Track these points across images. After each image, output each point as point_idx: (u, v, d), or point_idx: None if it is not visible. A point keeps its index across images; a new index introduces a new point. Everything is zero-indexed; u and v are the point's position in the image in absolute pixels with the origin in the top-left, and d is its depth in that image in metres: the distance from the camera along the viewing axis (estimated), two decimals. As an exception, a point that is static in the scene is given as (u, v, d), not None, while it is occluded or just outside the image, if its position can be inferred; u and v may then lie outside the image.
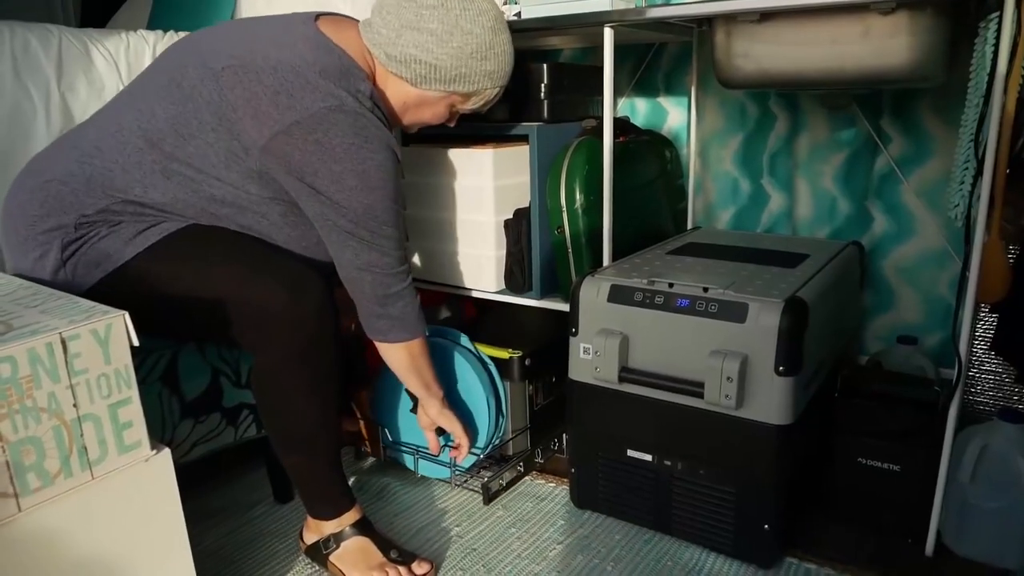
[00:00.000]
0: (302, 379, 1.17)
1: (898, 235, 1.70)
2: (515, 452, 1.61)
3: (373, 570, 1.25)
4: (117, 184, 1.15)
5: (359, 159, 1.12)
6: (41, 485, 0.86)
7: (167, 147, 1.15)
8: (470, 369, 1.52)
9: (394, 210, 1.18)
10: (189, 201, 1.16)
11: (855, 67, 1.25)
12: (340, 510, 1.28)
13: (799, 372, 1.18)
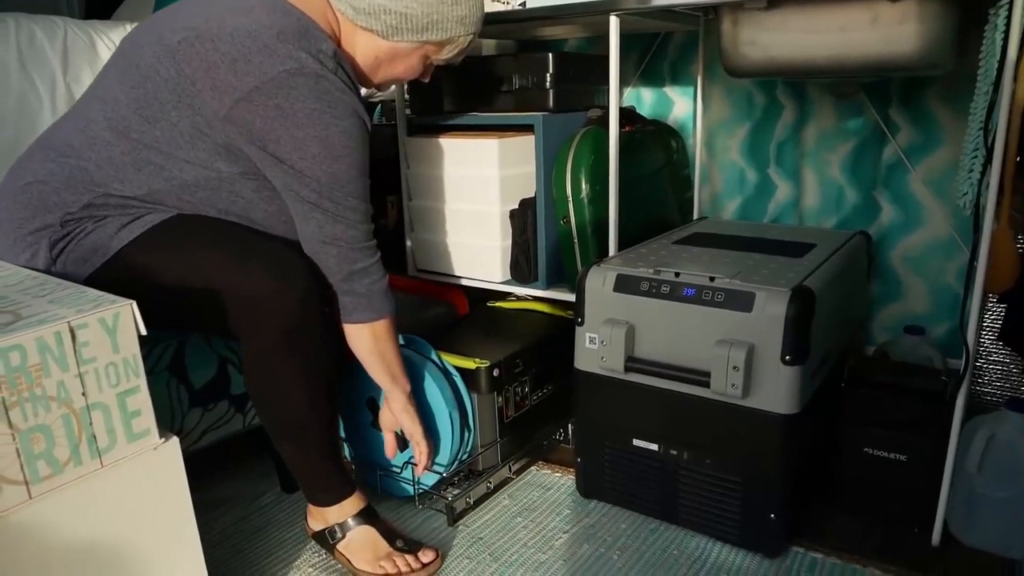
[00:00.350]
0: (291, 365, 1.15)
1: (906, 225, 1.69)
2: (485, 467, 1.52)
3: (380, 559, 1.25)
4: (95, 180, 1.14)
5: (322, 125, 1.09)
6: (51, 473, 0.87)
7: (134, 134, 1.13)
8: (431, 381, 1.42)
9: (361, 181, 1.15)
10: (164, 190, 1.15)
11: (863, 55, 1.25)
12: (339, 497, 1.27)
13: (805, 361, 1.18)
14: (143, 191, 1.15)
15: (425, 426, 1.36)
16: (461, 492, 1.45)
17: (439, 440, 1.43)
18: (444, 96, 1.72)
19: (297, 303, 1.11)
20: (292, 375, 1.16)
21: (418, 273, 1.81)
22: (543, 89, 1.58)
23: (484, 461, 1.51)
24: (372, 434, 1.49)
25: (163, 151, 1.14)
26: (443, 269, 1.74)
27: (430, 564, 1.27)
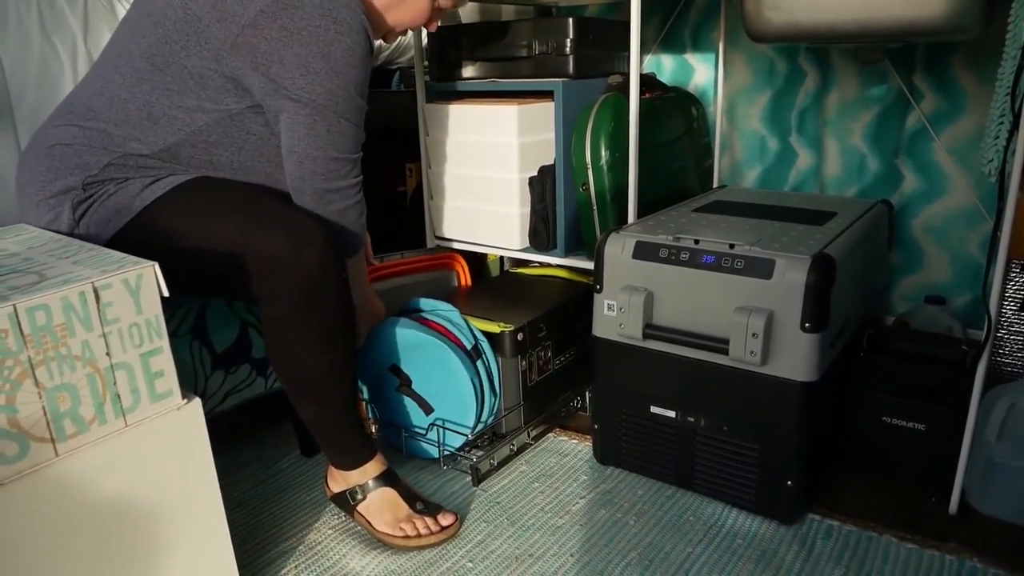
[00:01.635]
0: (309, 327, 1.15)
1: (928, 194, 1.67)
2: (508, 430, 1.53)
3: (400, 521, 1.27)
4: (114, 140, 1.16)
5: (326, 40, 1.10)
6: (76, 431, 0.88)
7: (146, 85, 1.15)
8: (452, 347, 1.43)
9: (356, 103, 1.17)
10: (180, 142, 1.17)
11: (889, 19, 1.22)
12: (360, 460, 1.28)
13: (825, 329, 1.17)
14: (160, 146, 1.17)
15: (447, 394, 1.39)
16: (485, 454, 1.47)
17: (462, 403, 1.45)
18: (463, 62, 1.70)
19: (316, 265, 1.12)
20: (310, 337, 1.16)
21: (437, 241, 1.81)
22: (563, 55, 1.56)
23: (507, 424, 1.53)
24: (396, 398, 1.51)
25: (175, 99, 1.15)
26: (462, 236, 1.74)
27: (449, 527, 1.29)
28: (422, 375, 1.48)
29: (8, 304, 0.80)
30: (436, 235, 1.81)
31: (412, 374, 1.49)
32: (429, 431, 1.49)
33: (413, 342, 1.45)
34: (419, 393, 1.49)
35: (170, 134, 1.16)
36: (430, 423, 1.48)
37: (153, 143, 1.16)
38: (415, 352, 1.47)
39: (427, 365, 1.46)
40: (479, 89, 1.70)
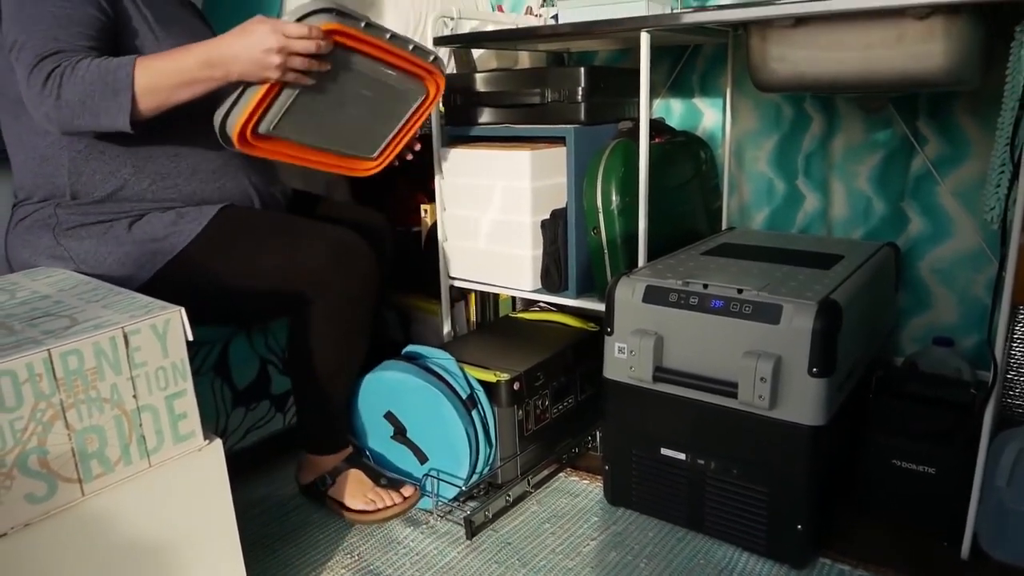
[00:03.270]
0: (350, 327, 1.33)
1: (934, 236, 1.70)
2: (504, 480, 1.52)
3: (368, 493, 1.41)
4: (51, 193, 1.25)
5: None
6: (103, 471, 0.91)
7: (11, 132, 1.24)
8: (447, 395, 1.44)
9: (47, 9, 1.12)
10: (75, 160, 1.22)
11: (890, 71, 1.26)
12: (340, 446, 1.43)
13: (833, 373, 1.19)
14: (68, 180, 1.23)
15: (441, 444, 1.45)
16: (480, 505, 1.46)
17: (456, 454, 1.45)
18: (478, 108, 1.75)
19: (361, 272, 1.29)
20: (350, 334, 1.33)
21: (451, 280, 1.84)
22: (575, 102, 1.61)
23: (503, 474, 1.52)
24: (392, 445, 1.53)
25: (30, 122, 1.20)
26: (475, 277, 1.78)
27: (411, 496, 1.44)
28: (417, 423, 1.49)
29: (43, 349, 0.84)
30: (450, 275, 1.84)
31: (407, 422, 1.50)
32: (424, 481, 1.49)
33: (409, 387, 1.47)
34: (414, 441, 1.50)
35: (62, 162, 1.22)
36: (424, 473, 1.49)
37: (60, 181, 1.23)
38: (410, 398, 1.48)
39: (422, 413, 1.47)
40: (494, 134, 1.74)
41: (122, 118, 1.10)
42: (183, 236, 1.22)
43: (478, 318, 2.01)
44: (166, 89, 1.12)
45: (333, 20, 1.16)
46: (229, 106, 1.18)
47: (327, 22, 1.15)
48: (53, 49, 1.09)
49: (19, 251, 1.25)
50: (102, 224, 1.23)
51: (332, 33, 1.17)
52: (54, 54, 1.09)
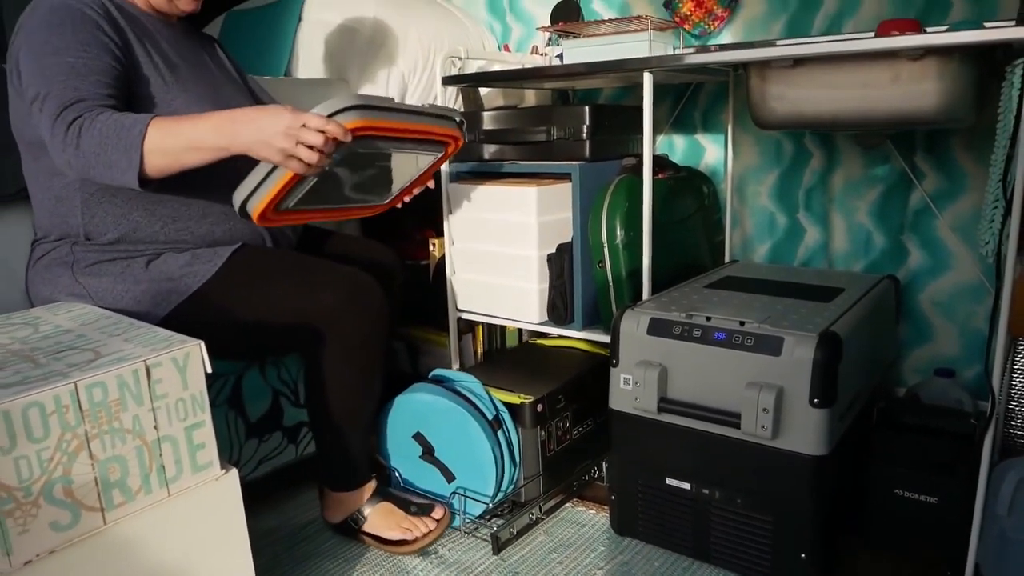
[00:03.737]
0: (364, 364, 1.35)
1: (934, 269, 1.73)
2: (527, 499, 1.57)
3: (402, 523, 1.44)
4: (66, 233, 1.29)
5: (31, 35, 1.18)
6: (124, 500, 0.94)
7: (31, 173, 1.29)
8: (474, 416, 1.50)
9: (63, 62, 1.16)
10: (88, 202, 1.27)
11: (886, 110, 1.30)
12: (362, 481, 1.44)
13: (833, 404, 1.22)
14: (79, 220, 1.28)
15: (468, 462, 1.47)
16: (505, 523, 1.51)
17: (483, 472, 1.51)
18: (486, 145, 1.80)
19: (374, 312, 1.33)
20: (364, 371, 1.36)
21: (459, 313, 1.88)
22: (580, 139, 1.65)
23: (527, 493, 1.57)
24: (420, 465, 1.58)
25: (46, 167, 1.26)
26: (482, 309, 1.81)
27: (443, 518, 1.49)
28: (445, 443, 1.54)
29: (70, 381, 0.87)
30: (458, 307, 1.87)
31: (435, 442, 1.55)
32: (451, 499, 1.54)
33: (437, 408, 1.53)
34: (442, 461, 1.55)
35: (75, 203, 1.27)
36: (452, 491, 1.53)
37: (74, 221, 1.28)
38: (438, 419, 1.53)
39: (450, 433, 1.52)
40: (501, 170, 1.79)
41: (131, 174, 1.12)
42: (197, 277, 1.26)
43: (485, 349, 2.04)
44: (175, 151, 1.13)
45: (359, 117, 1.15)
46: (251, 189, 1.19)
47: (354, 119, 1.15)
48: (75, 98, 1.13)
49: (39, 288, 1.29)
50: (120, 262, 1.26)
51: (357, 130, 1.16)
52: (76, 103, 1.13)
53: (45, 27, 1.18)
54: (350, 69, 1.91)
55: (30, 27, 1.19)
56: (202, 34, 1.51)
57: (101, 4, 1.23)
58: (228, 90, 1.42)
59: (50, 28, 1.18)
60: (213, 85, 1.38)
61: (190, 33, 1.45)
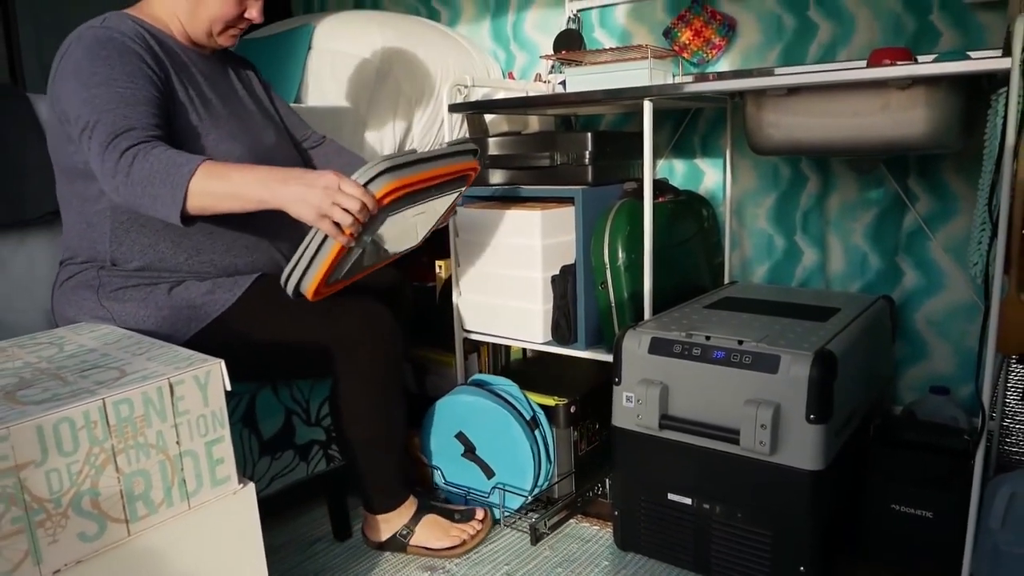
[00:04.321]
0: (384, 390, 1.39)
1: (928, 289, 1.77)
2: (560, 495, 1.69)
3: (451, 532, 1.53)
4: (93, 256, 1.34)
5: (76, 64, 1.23)
6: (147, 512, 0.98)
7: (65, 197, 1.34)
8: (514, 416, 1.61)
9: (113, 93, 1.21)
10: (116, 229, 1.31)
11: (877, 136, 1.35)
12: (401, 500, 1.50)
13: (829, 420, 1.26)
14: (107, 243, 1.33)
15: (508, 459, 1.60)
16: (541, 516, 1.63)
17: (522, 468, 1.62)
18: (491, 169, 1.85)
19: (390, 341, 1.37)
20: (384, 397, 1.40)
21: (464, 333, 1.92)
22: (582, 164, 1.71)
23: (560, 489, 1.70)
24: (461, 463, 1.70)
25: (80, 191, 1.31)
26: (487, 330, 1.86)
27: (486, 519, 1.59)
28: (485, 442, 1.65)
29: (98, 398, 0.92)
30: (464, 328, 1.92)
31: (476, 441, 1.67)
32: (491, 494, 1.64)
33: (479, 408, 1.64)
34: (482, 458, 1.66)
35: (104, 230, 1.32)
36: (492, 486, 1.64)
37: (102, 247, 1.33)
38: (480, 419, 1.65)
39: (490, 432, 1.63)
40: (506, 194, 1.84)
41: (174, 210, 1.17)
42: (218, 305, 1.31)
43: (489, 369, 2.08)
44: (218, 196, 1.18)
45: (391, 179, 1.20)
46: (303, 271, 1.23)
47: (387, 182, 1.20)
48: (125, 127, 1.18)
49: (65, 309, 1.33)
50: (143, 288, 1.31)
51: (388, 195, 1.21)
52: (127, 131, 1.18)
53: (91, 58, 1.23)
54: (359, 96, 1.97)
55: (75, 58, 1.24)
56: (237, 59, 1.56)
57: (142, 36, 1.29)
58: (259, 124, 1.45)
59: (96, 59, 1.22)
60: (244, 120, 1.42)
61: (225, 61, 1.50)
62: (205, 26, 1.35)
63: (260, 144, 1.40)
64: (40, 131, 1.49)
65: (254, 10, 1.36)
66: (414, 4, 2.59)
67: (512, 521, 1.67)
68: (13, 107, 1.49)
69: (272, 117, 1.54)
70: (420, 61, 2.04)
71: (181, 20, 1.36)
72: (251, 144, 1.37)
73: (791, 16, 1.87)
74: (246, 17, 1.36)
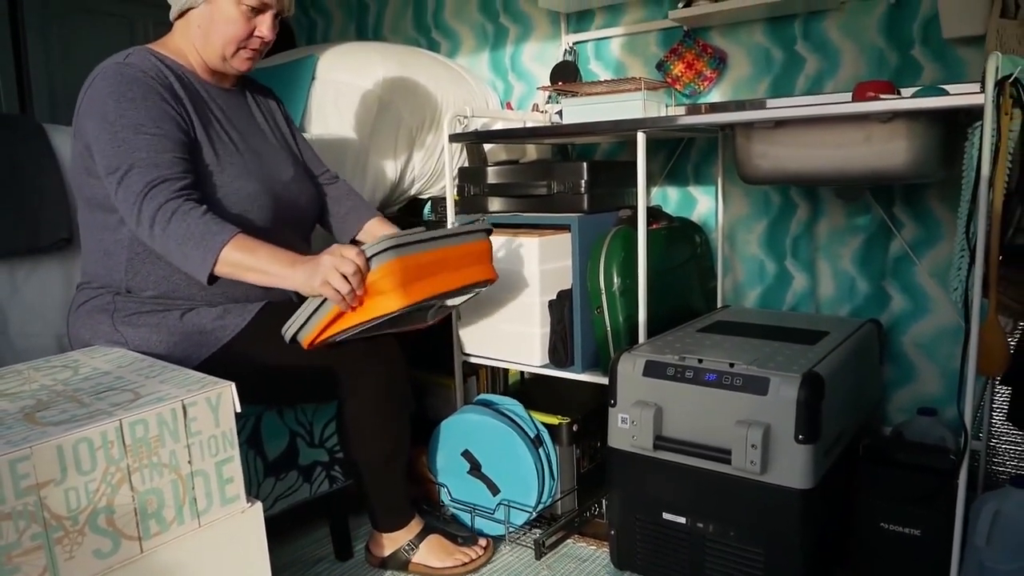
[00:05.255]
0: (388, 414, 1.43)
1: (915, 313, 1.82)
2: (563, 512, 1.74)
3: (454, 553, 1.56)
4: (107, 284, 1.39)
5: (102, 104, 1.27)
6: (159, 530, 1.02)
7: (85, 226, 1.39)
8: (518, 434, 1.66)
9: (143, 140, 1.26)
10: (133, 259, 1.36)
11: (861, 167, 1.41)
12: (407, 519, 1.54)
13: (818, 440, 1.30)
14: (122, 271, 1.37)
15: (513, 476, 1.64)
16: (544, 532, 1.68)
17: (527, 484, 1.66)
18: (490, 197, 1.91)
19: (392, 368, 1.42)
20: (388, 420, 1.44)
21: (464, 357, 1.97)
22: (578, 193, 1.76)
23: (563, 506, 1.74)
24: (468, 480, 1.74)
25: (100, 221, 1.36)
26: (487, 353, 1.90)
27: (488, 546, 1.62)
28: (491, 459, 1.70)
29: (115, 419, 0.96)
30: (463, 351, 1.96)
31: (482, 458, 1.71)
32: (496, 510, 1.68)
33: (485, 427, 1.69)
34: (488, 476, 1.70)
35: (121, 259, 1.36)
36: (498, 503, 1.68)
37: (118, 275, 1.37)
38: (486, 437, 1.69)
39: (496, 450, 1.68)
40: (504, 222, 1.90)
41: (202, 272, 1.25)
42: (228, 331, 1.36)
43: (488, 392, 2.12)
44: (244, 267, 1.26)
45: (394, 256, 1.28)
46: (301, 324, 1.32)
47: (390, 258, 1.28)
48: (159, 178, 1.25)
49: (80, 332, 1.38)
50: (156, 313, 1.36)
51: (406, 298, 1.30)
52: (162, 183, 1.25)
53: (117, 97, 1.27)
54: (361, 126, 2.03)
55: (101, 95, 1.28)
56: (261, 89, 1.59)
57: (163, 74, 1.33)
58: (276, 159, 1.49)
59: (122, 99, 1.27)
60: (262, 156, 1.45)
61: (247, 93, 1.53)
62: (218, 50, 1.38)
63: (276, 180, 1.44)
64: (54, 159, 1.54)
65: (264, 27, 1.38)
66: (415, 35, 2.66)
67: (516, 537, 1.71)
68: (28, 137, 1.54)
69: (291, 149, 1.57)
70: (421, 91, 2.10)
71: (197, 49, 1.39)
72: (266, 180, 1.42)
73: (779, 50, 1.94)
74: (257, 35, 1.38)
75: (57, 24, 2.41)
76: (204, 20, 1.36)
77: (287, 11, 1.41)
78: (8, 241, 1.47)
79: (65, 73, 2.47)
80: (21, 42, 2.42)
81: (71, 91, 2.44)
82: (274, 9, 1.37)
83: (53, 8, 2.44)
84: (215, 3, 1.34)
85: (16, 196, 1.49)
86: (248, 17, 1.35)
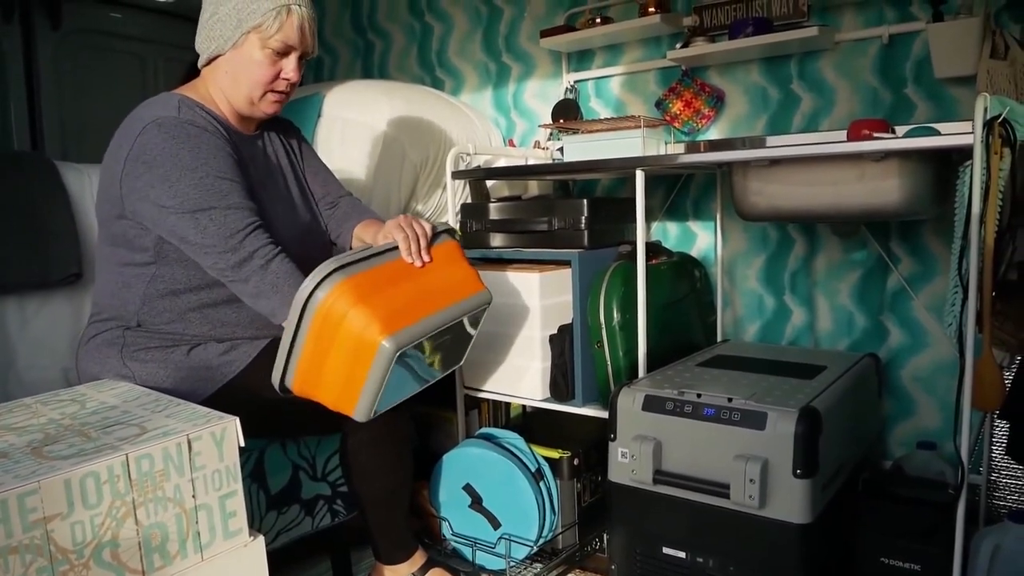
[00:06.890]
0: (389, 449, 1.45)
1: (913, 347, 1.84)
2: (564, 546, 1.73)
3: None
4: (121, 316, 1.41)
5: (172, 153, 1.28)
6: (163, 564, 1.03)
7: (105, 260, 1.41)
8: (519, 469, 1.66)
9: (221, 186, 1.30)
10: (150, 295, 1.38)
11: (855, 204, 1.44)
12: (412, 551, 1.54)
13: (815, 475, 1.31)
14: (139, 304, 1.39)
15: (513, 510, 1.65)
16: (545, 567, 1.69)
17: (528, 518, 1.66)
18: (492, 233, 1.94)
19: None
20: (389, 455, 1.46)
21: (465, 391, 1.98)
22: (579, 229, 1.79)
23: (564, 540, 1.74)
24: (469, 514, 1.74)
25: (123, 258, 1.38)
26: (488, 387, 1.92)
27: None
28: (492, 493, 1.70)
29: (122, 454, 0.98)
30: (465, 385, 1.98)
31: (483, 492, 1.71)
32: (497, 544, 1.68)
33: (487, 461, 1.69)
34: (489, 510, 1.70)
35: (138, 291, 1.39)
36: (499, 537, 1.68)
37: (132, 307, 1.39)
38: (487, 471, 1.70)
39: (497, 484, 1.68)
40: (505, 257, 1.92)
41: (279, 317, 1.30)
42: (233, 367, 1.38)
43: (490, 425, 2.13)
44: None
45: (344, 276, 1.27)
46: (282, 368, 1.31)
47: (341, 278, 1.27)
48: (257, 223, 1.31)
49: (89, 366, 1.40)
50: (164, 349, 1.38)
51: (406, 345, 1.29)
52: (259, 227, 1.31)
53: (190, 148, 1.29)
54: (366, 163, 2.07)
55: (165, 144, 1.29)
56: (281, 126, 1.61)
57: (214, 125, 1.36)
58: (295, 205, 1.52)
59: (196, 150, 1.30)
60: (283, 203, 1.49)
61: (266, 137, 1.54)
62: (246, 94, 1.40)
63: (297, 226, 1.48)
64: (65, 196, 1.58)
65: (289, 69, 1.40)
66: (419, 73, 2.72)
67: (518, 572, 1.70)
68: (40, 173, 1.58)
69: (305, 191, 1.59)
70: (425, 128, 2.14)
71: (226, 95, 1.41)
72: (289, 226, 1.45)
73: (776, 89, 1.98)
74: (283, 77, 1.40)
75: (70, 62, 2.47)
76: (232, 65, 1.38)
77: (311, 52, 1.44)
78: (19, 276, 1.50)
79: (77, 111, 2.52)
80: (34, 79, 2.48)
81: (82, 129, 2.49)
82: (298, 51, 1.40)
83: (65, 46, 2.49)
84: (241, 48, 1.37)
85: (28, 231, 1.52)
86: (273, 60, 1.38)
